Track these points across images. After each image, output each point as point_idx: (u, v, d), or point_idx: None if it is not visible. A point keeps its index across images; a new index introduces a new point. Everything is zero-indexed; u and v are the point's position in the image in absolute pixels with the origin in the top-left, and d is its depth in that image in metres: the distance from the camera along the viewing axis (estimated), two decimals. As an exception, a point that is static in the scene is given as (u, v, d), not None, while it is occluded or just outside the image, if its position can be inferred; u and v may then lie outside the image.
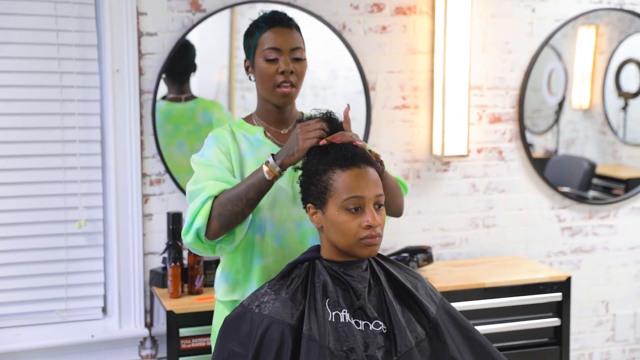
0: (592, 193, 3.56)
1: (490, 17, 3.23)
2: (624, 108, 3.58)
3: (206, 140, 2.01)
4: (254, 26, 1.98)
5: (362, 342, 1.69)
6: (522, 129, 3.32)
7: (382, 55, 3.10)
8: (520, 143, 3.33)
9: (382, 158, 1.88)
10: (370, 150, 1.84)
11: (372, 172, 1.74)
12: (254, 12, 2.86)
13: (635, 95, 3.57)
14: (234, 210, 1.81)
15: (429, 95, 3.18)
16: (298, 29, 1.99)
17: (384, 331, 1.73)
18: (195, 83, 2.96)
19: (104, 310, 2.92)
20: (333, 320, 1.70)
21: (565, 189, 3.46)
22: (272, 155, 1.82)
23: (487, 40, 3.23)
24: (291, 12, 2.92)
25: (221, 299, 2.02)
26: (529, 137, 3.42)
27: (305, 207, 1.80)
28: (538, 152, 3.51)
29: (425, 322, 1.78)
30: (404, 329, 1.73)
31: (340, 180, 1.71)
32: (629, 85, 3.57)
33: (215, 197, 1.84)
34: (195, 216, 1.83)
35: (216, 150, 1.96)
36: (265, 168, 1.80)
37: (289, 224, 1.96)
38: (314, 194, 1.75)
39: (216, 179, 1.89)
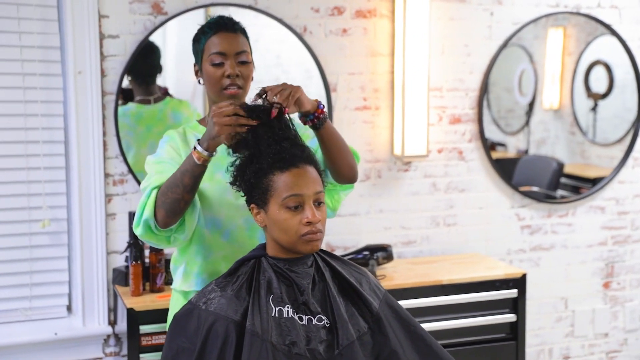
0: (560, 192, 3.61)
1: (450, 20, 3.28)
2: (594, 109, 3.65)
3: (160, 141, 2.09)
4: (200, 32, 2.05)
5: (304, 336, 1.75)
6: (482, 129, 3.38)
7: (342, 57, 3.16)
8: (479, 143, 3.40)
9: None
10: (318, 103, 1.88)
11: (310, 171, 1.81)
12: (228, 11, 2.93)
13: (604, 96, 3.64)
14: (174, 197, 1.86)
15: (389, 96, 3.24)
16: (244, 32, 2.06)
17: (327, 325, 1.78)
18: (172, 83, 3.01)
19: (69, 308, 2.96)
20: (276, 315, 1.76)
21: (535, 188, 3.52)
22: (198, 140, 1.86)
23: (446, 42, 3.29)
24: (253, 15, 2.99)
25: (177, 288, 2.10)
26: (502, 137, 3.47)
27: (249, 208, 1.86)
28: (511, 153, 3.58)
29: (368, 316, 1.84)
30: (346, 323, 1.78)
31: (280, 180, 1.77)
32: (598, 87, 3.62)
33: (159, 187, 1.90)
34: (143, 209, 1.90)
35: (168, 149, 2.03)
36: (194, 154, 1.84)
37: (238, 220, 2.02)
38: (256, 195, 1.81)
39: (162, 173, 1.94)
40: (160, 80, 3.03)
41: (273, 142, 1.80)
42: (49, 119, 2.85)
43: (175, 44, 2.98)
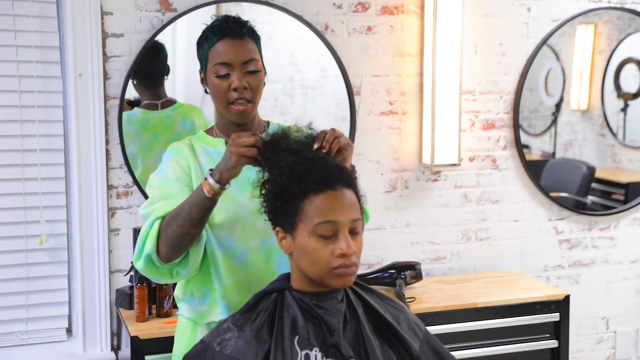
0: (591, 198, 3.45)
1: (483, 16, 3.10)
2: (624, 109, 3.49)
3: (164, 156, 1.90)
4: (203, 36, 1.84)
5: (335, 385, 1.50)
6: (517, 135, 3.18)
7: (367, 57, 2.96)
8: (515, 151, 3.20)
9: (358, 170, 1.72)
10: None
11: (348, 195, 1.56)
12: (240, 8, 2.74)
13: (635, 95, 3.48)
14: (180, 232, 1.68)
15: (418, 100, 3.04)
16: (252, 35, 1.84)
17: (361, 372, 1.54)
18: (181, 86, 2.84)
19: (69, 331, 2.77)
20: (303, 360, 1.51)
21: (563, 194, 3.35)
22: (210, 170, 1.67)
23: (479, 41, 3.10)
24: (267, 11, 2.79)
25: (183, 314, 1.92)
26: (526, 138, 3.31)
27: (274, 231, 1.62)
28: (535, 155, 3.41)
29: (408, 360, 1.59)
30: (382, 370, 1.54)
31: (313, 204, 1.53)
32: (628, 86, 3.47)
33: (163, 217, 1.71)
34: (145, 241, 1.71)
35: (174, 165, 1.84)
36: (205, 187, 1.65)
37: (253, 241, 1.82)
38: (283, 216, 1.56)
39: (167, 198, 1.75)
40: (169, 83, 2.82)
41: (306, 159, 1.56)
42: (47, 126, 2.67)
43: (185, 44, 2.78)
